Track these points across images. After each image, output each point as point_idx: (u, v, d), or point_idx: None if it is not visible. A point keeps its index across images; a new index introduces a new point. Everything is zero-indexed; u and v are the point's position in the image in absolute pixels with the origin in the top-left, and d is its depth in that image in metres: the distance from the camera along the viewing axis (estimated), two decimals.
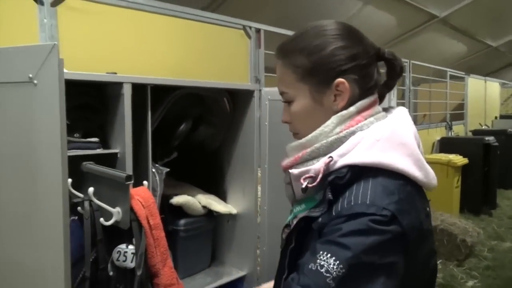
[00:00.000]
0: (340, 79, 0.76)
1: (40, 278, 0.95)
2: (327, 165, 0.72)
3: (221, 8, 3.85)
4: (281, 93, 0.82)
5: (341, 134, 0.75)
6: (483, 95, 7.16)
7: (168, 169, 1.87)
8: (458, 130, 6.04)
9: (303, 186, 0.72)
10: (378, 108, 0.82)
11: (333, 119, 0.77)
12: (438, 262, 3.56)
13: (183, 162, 2.20)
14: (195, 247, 2.20)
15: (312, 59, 0.77)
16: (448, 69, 5.79)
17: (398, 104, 3.43)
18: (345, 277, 0.63)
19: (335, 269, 0.63)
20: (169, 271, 1.49)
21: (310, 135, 0.78)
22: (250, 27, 2.56)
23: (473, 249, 3.83)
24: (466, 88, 6.31)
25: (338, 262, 0.63)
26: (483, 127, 6.82)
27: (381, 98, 0.85)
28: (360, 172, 0.71)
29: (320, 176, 0.72)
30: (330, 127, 0.76)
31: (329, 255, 0.64)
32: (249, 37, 2.55)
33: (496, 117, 7.69)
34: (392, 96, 1.62)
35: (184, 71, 2.13)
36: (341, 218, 0.67)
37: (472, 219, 4.66)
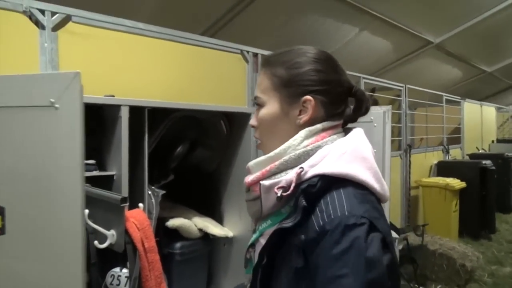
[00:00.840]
0: (307, 96, 0.83)
1: None
2: (299, 175, 0.76)
3: (219, 33, 3.92)
4: (255, 97, 0.89)
5: (308, 148, 0.81)
6: (479, 119, 7.22)
7: (164, 191, 1.86)
8: (455, 154, 6.06)
9: (278, 194, 0.75)
10: (340, 129, 0.89)
11: (301, 133, 0.83)
12: (438, 287, 3.48)
13: (180, 184, 2.20)
14: (191, 271, 2.18)
15: (289, 72, 0.84)
16: (444, 94, 5.86)
17: (395, 128, 3.41)
18: None
19: None
20: None
21: (278, 149, 0.82)
22: (248, 52, 2.60)
23: (473, 274, 3.79)
24: (462, 112, 6.36)
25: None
26: (480, 151, 6.84)
27: (343, 125, 0.91)
28: (329, 182, 0.75)
29: (293, 185, 0.75)
30: (298, 140, 0.82)
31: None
32: (247, 61, 2.59)
33: (493, 141, 7.73)
34: (386, 120, 1.64)
35: (182, 94, 2.16)
36: (326, 235, 0.70)
37: (471, 244, 4.63)
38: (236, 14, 3.87)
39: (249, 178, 0.86)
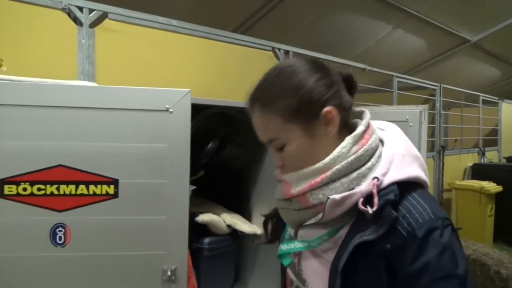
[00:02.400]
0: (326, 109, 0.78)
1: (167, 231, 1.44)
2: (377, 186, 0.73)
3: (251, 30, 3.92)
4: (270, 141, 0.81)
5: (358, 153, 0.78)
6: None
7: (194, 187, 1.88)
8: (492, 156, 5.83)
9: (370, 212, 0.71)
10: (372, 123, 0.86)
11: (349, 139, 0.79)
12: None
13: (209, 180, 2.22)
14: (218, 266, 2.19)
15: (296, 97, 0.78)
16: (480, 94, 5.65)
17: (429, 128, 3.28)
18: None
19: None
20: None
21: (328, 159, 0.77)
22: (279, 49, 2.59)
23: (509, 282, 3.64)
24: (500, 114, 6.12)
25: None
26: None
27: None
28: (401, 187, 0.75)
29: (376, 198, 0.72)
30: (347, 148, 0.78)
31: None
32: (278, 58, 2.58)
33: None
34: (423, 119, 1.59)
35: (214, 91, 2.17)
36: (417, 241, 0.70)
37: (507, 250, 4.44)
38: (268, 11, 3.86)
39: (291, 190, 0.80)
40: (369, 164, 0.78)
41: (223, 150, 2.15)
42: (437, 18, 4.87)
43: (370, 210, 0.71)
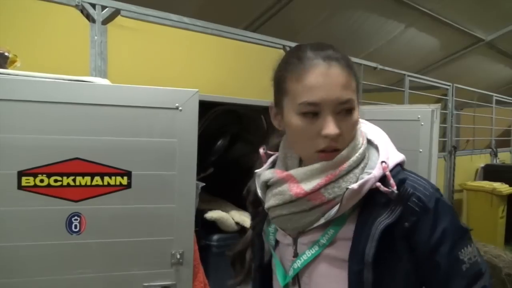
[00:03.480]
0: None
1: (176, 218, 1.52)
2: (385, 169, 0.77)
3: (262, 28, 3.92)
4: (346, 101, 0.76)
5: (364, 144, 0.82)
6: None
7: (204, 184, 1.89)
8: (504, 157, 5.75)
9: (394, 195, 0.74)
10: None
11: (357, 131, 0.82)
12: None
13: (219, 178, 2.22)
14: (227, 263, 2.19)
15: (356, 72, 0.82)
16: (494, 94, 5.57)
17: (440, 128, 3.23)
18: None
19: (473, 252, 0.78)
20: (198, 285, 1.50)
21: (345, 151, 0.78)
22: (290, 47, 2.58)
23: None
24: None
25: (469, 245, 0.78)
26: None
27: None
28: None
29: (391, 180, 0.76)
30: (357, 140, 0.81)
31: (464, 248, 0.76)
32: None
33: None
34: (435, 118, 1.57)
35: (224, 88, 2.17)
36: (429, 212, 0.75)
37: None
38: (279, 9, 3.85)
39: (302, 188, 0.77)
40: (366, 154, 0.82)
41: (233, 148, 2.15)
42: (450, 17, 4.81)
43: (394, 190, 0.75)
